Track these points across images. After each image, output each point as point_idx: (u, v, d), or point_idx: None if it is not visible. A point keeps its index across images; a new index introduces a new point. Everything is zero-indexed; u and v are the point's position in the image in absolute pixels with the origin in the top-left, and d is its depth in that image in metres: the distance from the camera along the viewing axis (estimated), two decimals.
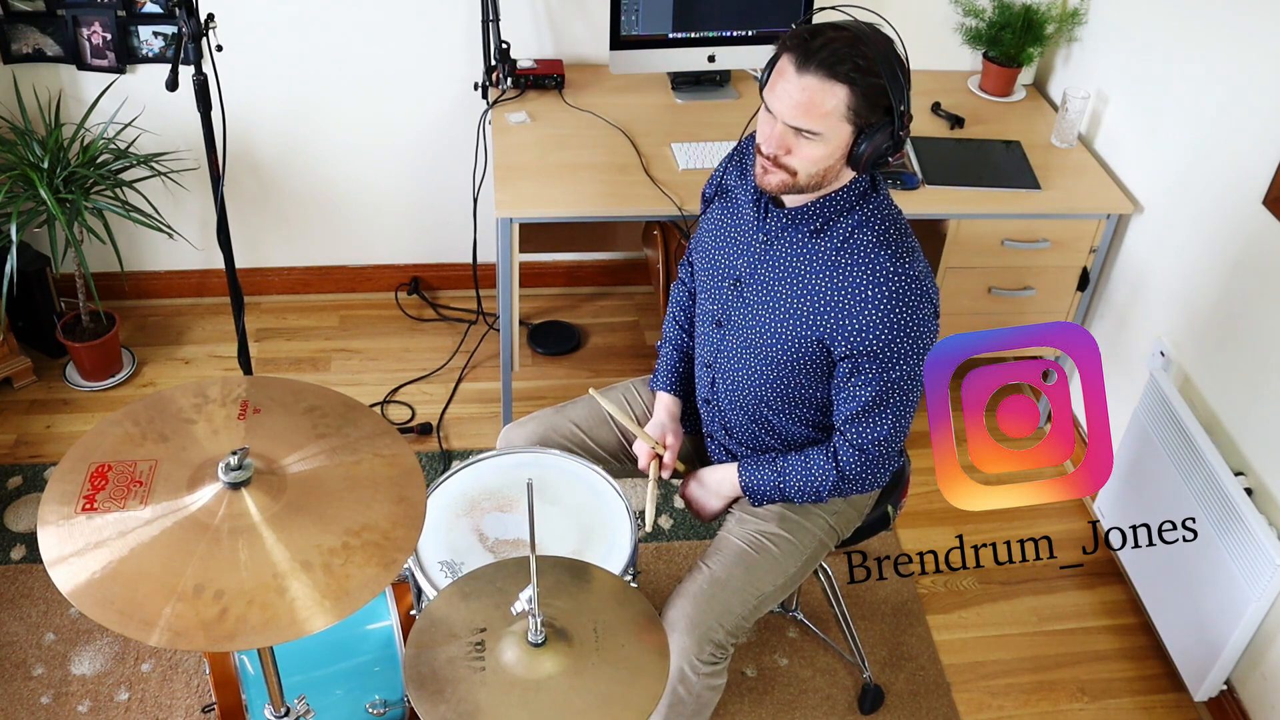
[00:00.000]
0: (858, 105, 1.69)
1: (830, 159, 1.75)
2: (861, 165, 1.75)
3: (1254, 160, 2.41)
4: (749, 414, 2.03)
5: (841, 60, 1.67)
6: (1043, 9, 3.10)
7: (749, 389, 1.98)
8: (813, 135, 1.71)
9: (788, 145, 1.74)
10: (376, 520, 1.48)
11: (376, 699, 2.02)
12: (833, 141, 1.72)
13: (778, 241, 1.88)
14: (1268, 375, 2.37)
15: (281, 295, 3.57)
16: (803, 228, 1.85)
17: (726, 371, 2.01)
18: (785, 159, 1.76)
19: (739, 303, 1.94)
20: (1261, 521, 2.26)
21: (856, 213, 1.82)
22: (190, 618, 1.34)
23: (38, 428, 3.06)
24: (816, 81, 1.68)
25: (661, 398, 2.19)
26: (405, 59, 3.15)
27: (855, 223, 1.81)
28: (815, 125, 1.70)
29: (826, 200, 1.82)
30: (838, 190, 1.81)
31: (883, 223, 1.82)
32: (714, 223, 2.01)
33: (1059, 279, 2.93)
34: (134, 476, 1.49)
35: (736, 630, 1.96)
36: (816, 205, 1.82)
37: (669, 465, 2.12)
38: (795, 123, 1.71)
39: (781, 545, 2.01)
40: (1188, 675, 2.50)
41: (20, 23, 2.96)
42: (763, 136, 1.77)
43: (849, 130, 1.72)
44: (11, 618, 2.55)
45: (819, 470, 1.96)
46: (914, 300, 1.79)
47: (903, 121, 1.73)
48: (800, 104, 1.70)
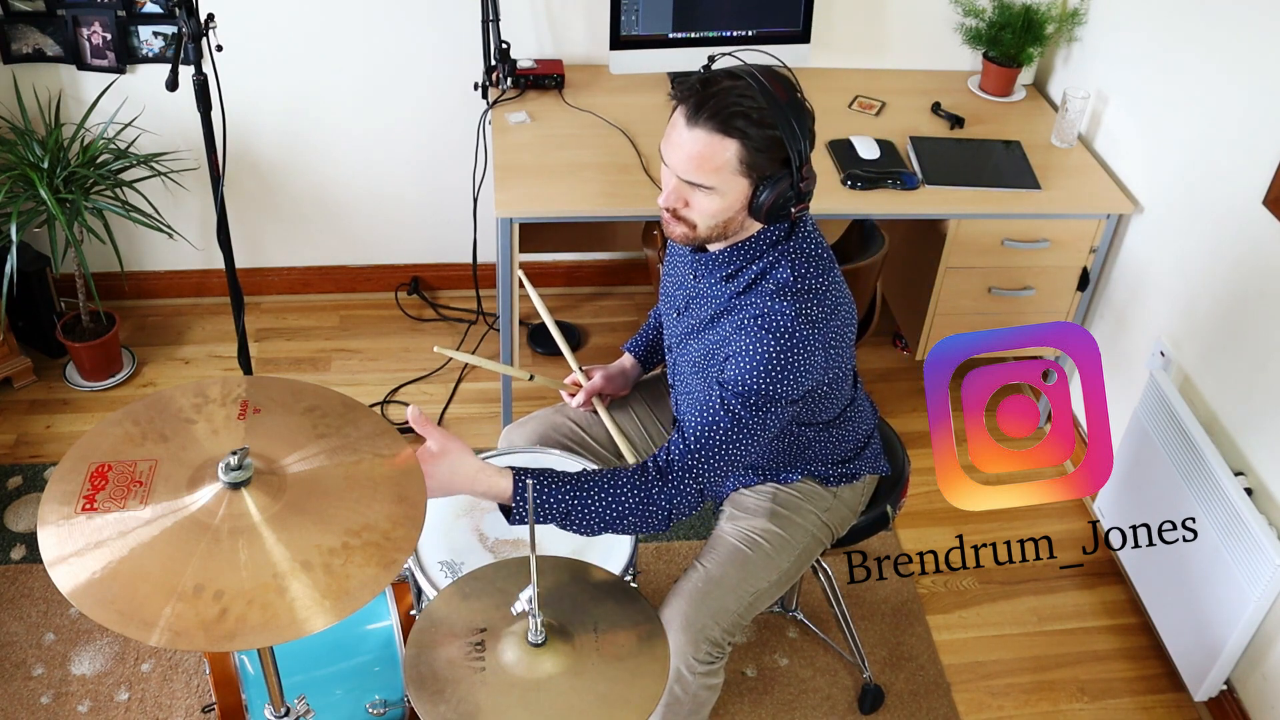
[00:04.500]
0: (751, 159, 1.65)
1: (728, 212, 1.71)
2: (764, 216, 1.71)
3: (1254, 160, 2.41)
4: None
5: (732, 113, 1.62)
6: (1043, 9, 3.10)
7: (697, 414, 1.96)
8: (708, 190, 1.68)
9: (684, 198, 1.72)
10: (376, 520, 1.48)
11: (376, 699, 2.02)
12: (729, 195, 1.69)
13: (700, 280, 1.88)
14: (1268, 375, 2.37)
15: (281, 295, 3.57)
16: (717, 272, 1.83)
17: (681, 394, 2.02)
18: (684, 212, 1.73)
19: (678, 331, 1.95)
20: (1261, 521, 2.26)
21: (765, 259, 1.78)
22: (190, 618, 1.34)
23: (38, 428, 3.06)
24: (706, 135, 1.63)
25: (624, 357, 2.22)
26: (405, 59, 3.15)
27: (761, 269, 1.78)
28: (708, 180, 1.67)
29: (736, 249, 1.79)
30: (747, 239, 1.79)
31: (785, 270, 1.76)
32: (671, 252, 2.02)
33: (1059, 279, 2.93)
34: (134, 476, 1.49)
35: (733, 628, 1.96)
36: (727, 253, 1.80)
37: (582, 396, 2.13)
38: (688, 177, 1.68)
39: (774, 541, 2.01)
40: (1188, 675, 2.50)
41: (20, 23, 2.96)
42: (663, 191, 1.75)
43: (745, 184, 1.68)
44: (11, 618, 2.55)
45: (628, 498, 1.74)
46: (784, 342, 1.71)
47: (802, 174, 1.68)
48: (691, 157, 1.65)
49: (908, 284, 3.13)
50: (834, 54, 3.28)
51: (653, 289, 3.53)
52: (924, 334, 3.00)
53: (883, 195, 2.74)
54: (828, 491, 2.07)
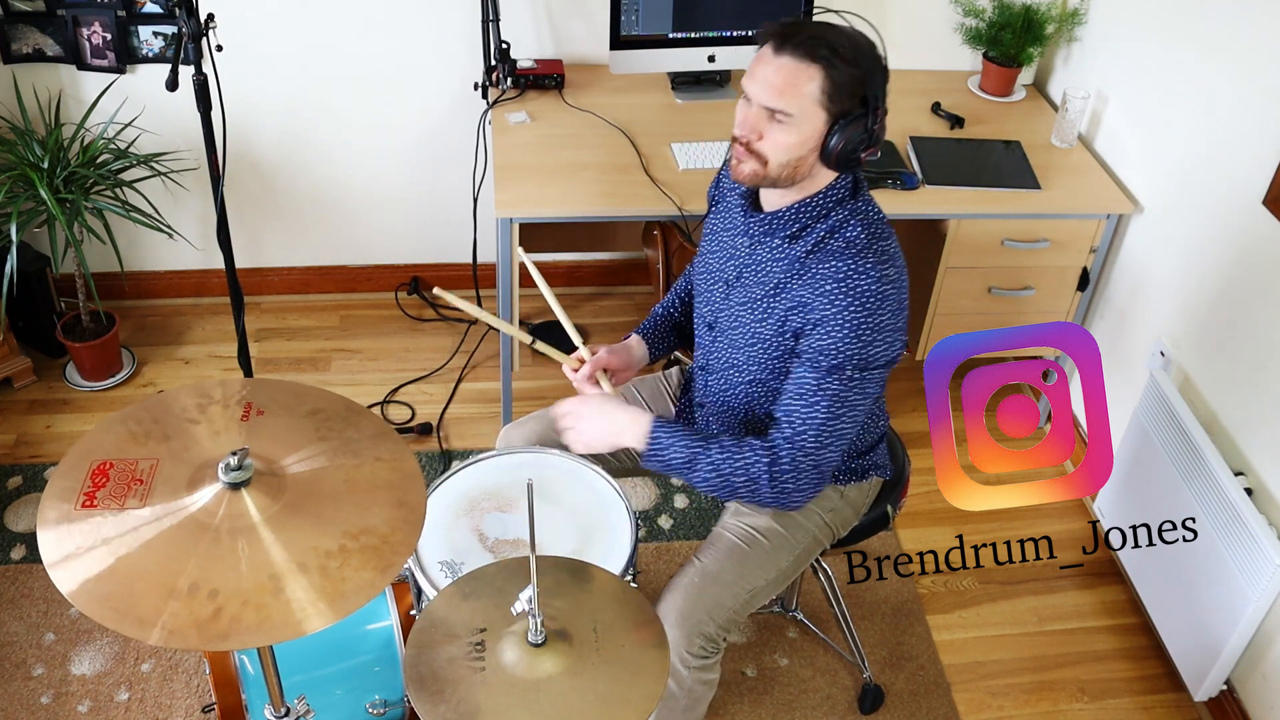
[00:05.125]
0: (832, 90, 1.68)
1: (802, 148, 1.72)
2: (834, 159, 1.73)
3: (1254, 160, 2.41)
4: (739, 416, 2.03)
5: (819, 44, 1.67)
6: (1043, 9, 3.10)
7: (738, 391, 1.98)
8: (785, 118, 1.70)
9: (760, 130, 1.73)
10: (374, 524, 1.48)
11: (376, 699, 2.02)
12: (805, 127, 1.70)
13: (759, 246, 1.87)
14: (1268, 375, 2.37)
15: (281, 295, 3.57)
16: (780, 232, 1.83)
17: (717, 373, 2.01)
18: (757, 145, 1.74)
19: (728, 306, 1.94)
20: (1261, 521, 2.26)
21: (833, 217, 1.79)
22: (185, 617, 1.34)
23: (38, 428, 3.06)
24: (792, 62, 1.68)
25: (632, 339, 2.19)
26: (405, 59, 3.15)
27: (830, 227, 1.79)
28: (789, 105, 1.69)
29: (803, 204, 1.80)
30: (815, 194, 1.80)
31: (857, 228, 1.78)
32: (711, 226, 2.02)
33: (1059, 279, 2.93)
34: (134, 475, 1.49)
35: (728, 624, 1.96)
36: (793, 210, 1.81)
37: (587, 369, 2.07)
38: (769, 103, 1.70)
39: (774, 539, 2.01)
40: (1188, 675, 2.50)
41: (20, 23, 2.96)
42: (737, 123, 1.76)
43: (823, 118, 1.70)
44: (11, 618, 2.55)
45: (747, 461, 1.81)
46: (871, 305, 1.74)
47: (877, 116, 1.71)
48: (775, 85, 1.69)
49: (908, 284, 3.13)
50: None
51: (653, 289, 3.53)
52: (924, 334, 3.00)
53: (883, 195, 2.74)
54: (835, 491, 2.07)
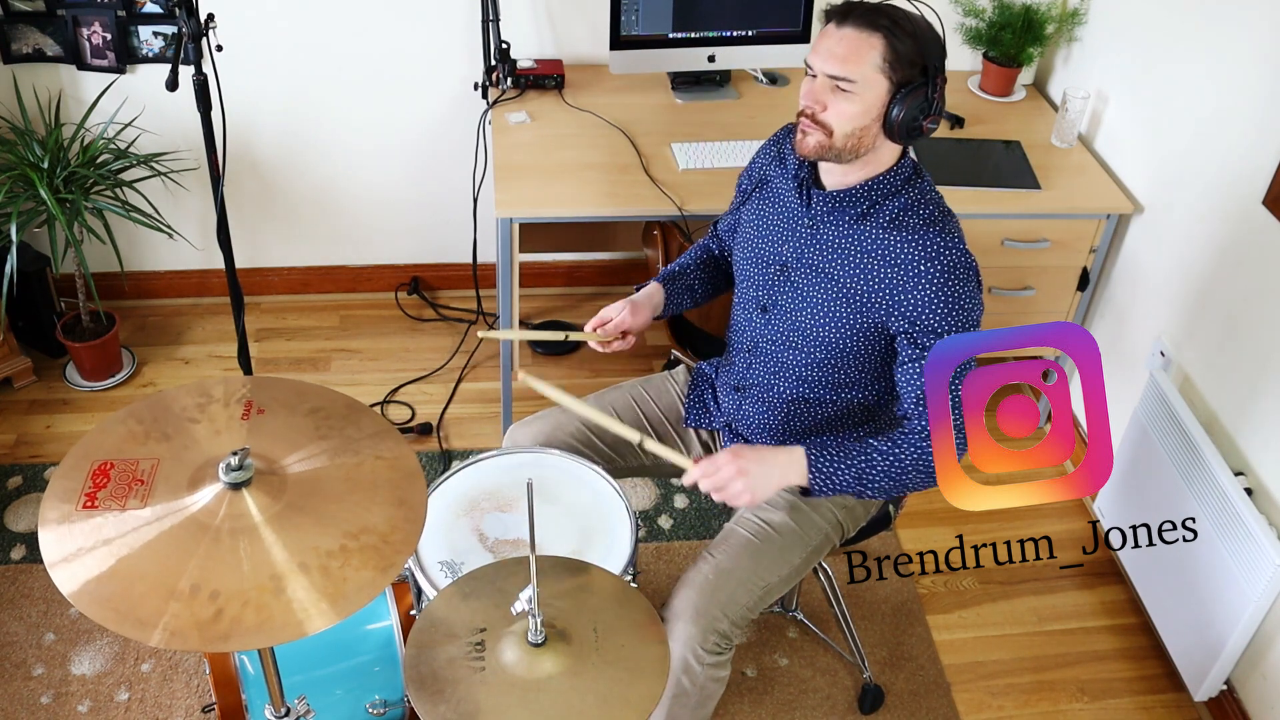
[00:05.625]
0: (893, 58, 1.75)
1: (865, 117, 1.79)
2: (896, 129, 1.79)
3: (1254, 160, 2.41)
4: (786, 399, 2.04)
5: (880, 14, 1.77)
6: (1043, 9, 3.10)
7: (791, 373, 2.01)
8: (849, 86, 1.77)
9: (824, 101, 1.79)
10: (375, 523, 1.48)
11: (376, 699, 2.02)
12: (868, 96, 1.77)
13: (824, 225, 1.91)
14: (1268, 375, 2.37)
15: (281, 295, 3.57)
16: (849, 210, 1.89)
17: (768, 356, 2.03)
18: (822, 116, 1.80)
19: (786, 288, 1.97)
20: (1261, 521, 2.26)
21: (902, 196, 1.87)
22: (185, 618, 1.34)
23: (38, 428, 3.06)
24: (854, 31, 1.76)
25: (651, 285, 2.18)
26: (405, 59, 3.15)
27: (901, 205, 1.86)
28: (851, 73, 1.76)
29: (872, 183, 1.86)
30: (882, 173, 1.86)
31: (928, 205, 1.86)
32: (754, 213, 2.04)
33: (1059, 279, 2.93)
34: (135, 475, 1.49)
35: (741, 620, 1.96)
36: (862, 188, 1.87)
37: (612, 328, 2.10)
38: (833, 70, 1.77)
39: (788, 536, 2.02)
40: (1188, 675, 2.50)
41: (20, 23, 2.96)
42: (802, 94, 1.83)
43: (885, 86, 1.77)
44: (11, 618, 2.55)
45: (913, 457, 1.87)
46: (965, 276, 1.83)
47: (937, 85, 1.79)
48: (838, 54, 1.77)
49: None
50: None
51: None
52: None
53: None
54: None
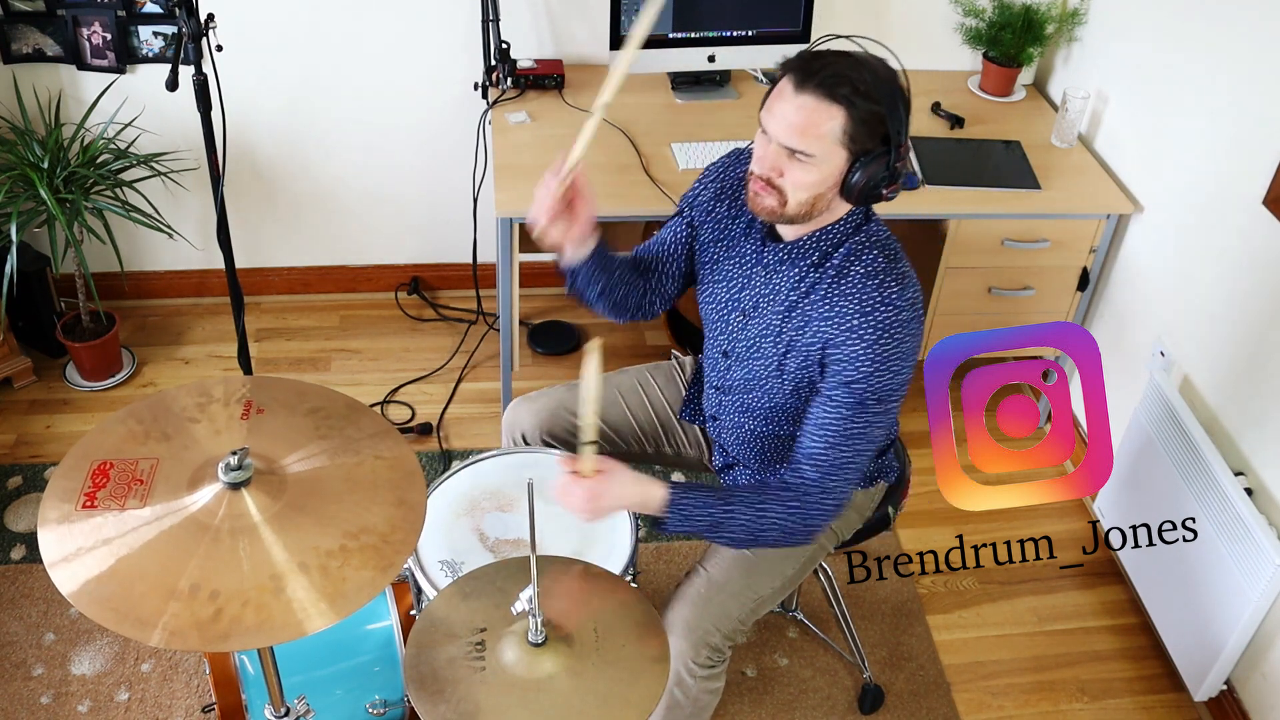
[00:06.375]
0: (854, 130, 1.65)
1: (822, 186, 1.70)
2: (855, 196, 1.71)
3: (1254, 160, 2.41)
4: (756, 434, 2.01)
5: (841, 82, 1.63)
6: (1043, 9, 3.10)
7: (757, 413, 1.97)
8: (806, 158, 1.67)
9: (780, 168, 1.70)
10: (375, 523, 1.48)
11: (376, 699, 2.02)
12: (825, 167, 1.68)
13: (776, 275, 1.84)
14: (1267, 375, 2.37)
15: (281, 295, 3.57)
16: (800, 261, 1.81)
17: (734, 397, 1.99)
18: (777, 181, 1.71)
19: (745, 334, 1.91)
20: (1261, 521, 2.26)
21: (849, 244, 1.78)
22: (185, 617, 1.34)
23: (38, 428, 3.06)
24: (813, 101, 1.64)
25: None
26: (405, 59, 3.15)
27: (847, 253, 1.77)
28: (809, 147, 1.66)
29: (823, 233, 1.78)
30: (833, 223, 1.78)
31: (873, 249, 1.78)
32: (713, 257, 1.97)
33: (1059, 279, 2.93)
34: (135, 475, 1.49)
35: (734, 634, 1.95)
36: (813, 239, 1.79)
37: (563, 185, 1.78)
38: (789, 143, 1.66)
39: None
40: (1188, 675, 2.50)
41: (20, 23, 2.96)
42: (756, 157, 1.73)
43: (843, 156, 1.67)
44: (11, 618, 2.55)
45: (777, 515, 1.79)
46: (898, 333, 1.74)
47: (900, 153, 1.69)
48: (795, 124, 1.65)
49: None
50: None
51: None
52: (924, 334, 3.00)
53: None
54: None
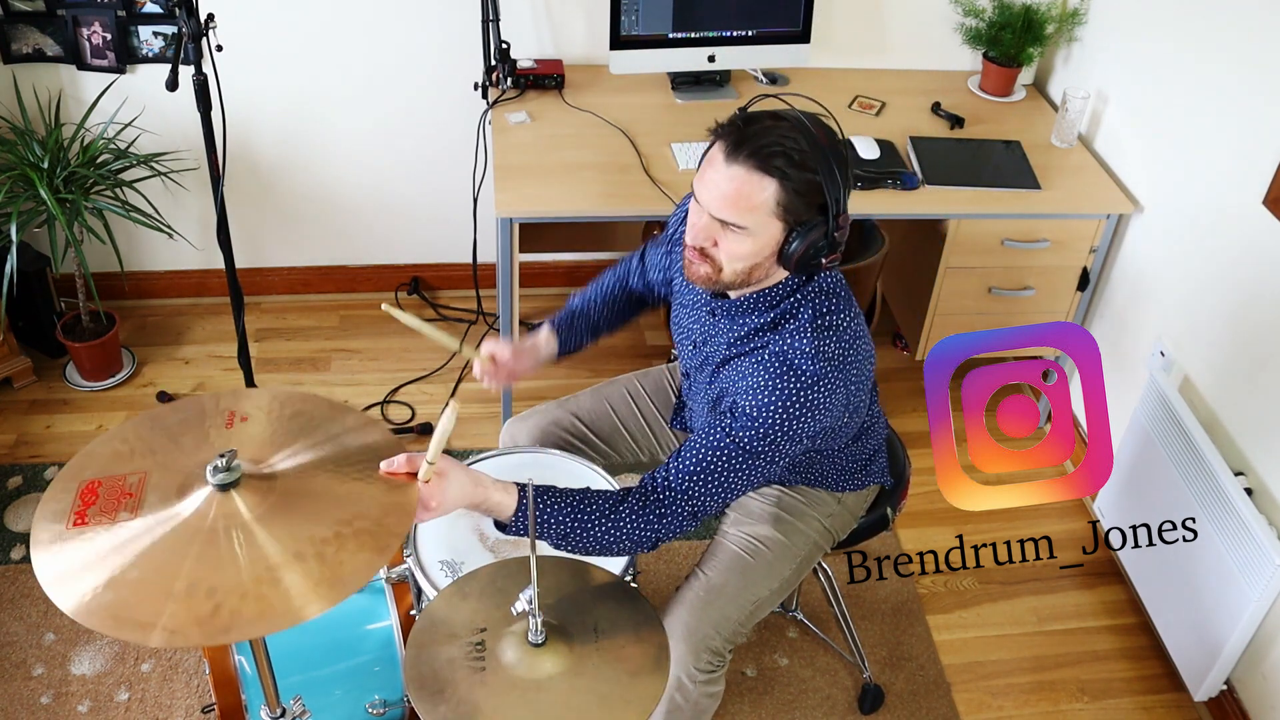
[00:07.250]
0: (789, 202, 1.59)
1: (757, 256, 1.65)
2: (793, 265, 1.65)
3: (1254, 160, 2.41)
4: None
5: (774, 154, 1.56)
6: (1043, 9, 3.10)
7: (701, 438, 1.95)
8: (739, 230, 1.61)
9: (714, 238, 1.65)
10: (367, 509, 1.48)
11: (376, 699, 2.02)
12: (761, 238, 1.62)
13: (720, 323, 1.81)
14: (1268, 375, 2.37)
15: (281, 295, 3.57)
16: (741, 319, 1.77)
17: (697, 414, 1.99)
18: (711, 251, 1.66)
19: (697, 362, 1.90)
20: (1261, 521, 2.25)
21: (787, 301, 1.73)
22: (184, 616, 1.34)
23: (38, 428, 3.06)
24: (745, 173, 1.57)
25: (542, 331, 2.08)
26: (405, 59, 3.15)
27: (783, 311, 1.73)
28: (742, 219, 1.60)
29: (760, 296, 1.74)
30: (771, 286, 1.73)
31: (809, 306, 1.72)
32: (678, 288, 1.96)
33: (1059, 279, 2.93)
34: (124, 489, 1.49)
35: (734, 636, 1.95)
36: (753, 299, 1.75)
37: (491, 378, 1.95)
38: (721, 215, 1.61)
39: (776, 549, 2.01)
40: (1188, 675, 2.50)
41: (20, 23, 2.96)
42: (690, 225, 1.68)
43: (779, 227, 1.62)
44: (11, 618, 2.55)
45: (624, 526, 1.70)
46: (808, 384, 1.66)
47: (838, 223, 1.62)
48: (727, 196, 1.59)
49: (908, 284, 3.13)
50: (834, 54, 3.28)
51: None
52: (924, 334, 3.00)
53: (883, 195, 2.74)
54: (832, 497, 2.06)
